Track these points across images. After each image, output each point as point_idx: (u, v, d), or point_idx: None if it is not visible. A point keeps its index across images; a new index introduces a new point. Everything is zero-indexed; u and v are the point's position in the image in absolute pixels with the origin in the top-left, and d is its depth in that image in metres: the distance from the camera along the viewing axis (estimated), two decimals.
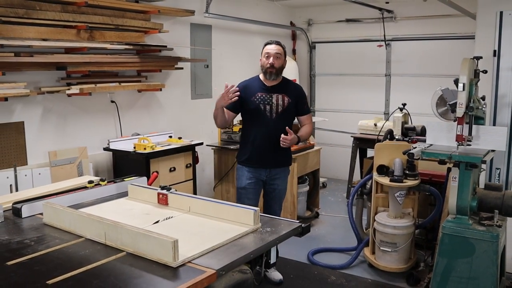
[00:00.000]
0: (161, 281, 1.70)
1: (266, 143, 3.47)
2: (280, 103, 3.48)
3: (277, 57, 3.45)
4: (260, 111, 3.47)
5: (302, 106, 3.63)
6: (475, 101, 2.97)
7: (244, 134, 3.68)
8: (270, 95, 3.48)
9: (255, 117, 3.50)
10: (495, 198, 3.05)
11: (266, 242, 2.08)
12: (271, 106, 3.47)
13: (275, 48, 3.48)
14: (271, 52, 3.45)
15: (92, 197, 2.72)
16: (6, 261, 1.86)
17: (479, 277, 2.90)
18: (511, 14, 3.58)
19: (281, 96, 3.49)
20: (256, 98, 3.48)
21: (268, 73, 3.46)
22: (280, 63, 3.48)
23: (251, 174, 3.55)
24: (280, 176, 3.63)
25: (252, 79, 3.64)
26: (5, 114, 3.67)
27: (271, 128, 3.44)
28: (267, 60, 3.46)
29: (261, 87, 3.51)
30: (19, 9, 3.43)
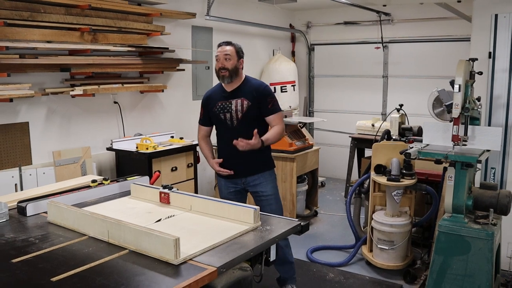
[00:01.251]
0: (163, 278, 1.70)
1: (233, 152, 3.14)
2: (239, 108, 3.18)
3: (227, 58, 3.13)
4: (221, 121, 3.24)
5: (266, 106, 3.22)
6: (471, 102, 2.97)
7: (217, 143, 3.44)
8: (229, 102, 3.20)
9: (218, 127, 3.33)
10: (490, 197, 3.05)
11: (266, 240, 2.08)
12: (230, 114, 3.19)
13: (225, 48, 3.17)
14: (219, 55, 3.16)
15: (95, 196, 2.72)
16: (11, 258, 1.86)
17: (475, 274, 2.90)
18: (506, 17, 3.58)
19: (240, 101, 3.18)
20: (216, 108, 3.24)
21: (221, 77, 3.16)
22: (232, 64, 3.13)
23: (227, 184, 3.35)
24: (261, 182, 3.30)
25: (216, 87, 3.39)
26: (10, 115, 3.67)
27: (235, 137, 3.09)
28: (217, 63, 3.16)
29: (222, 95, 3.25)
30: (24, 12, 3.44)
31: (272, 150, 4.75)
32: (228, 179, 3.32)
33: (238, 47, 3.23)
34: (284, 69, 6.36)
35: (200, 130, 3.46)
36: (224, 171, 3.25)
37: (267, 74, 6.37)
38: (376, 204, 4.06)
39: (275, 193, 3.35)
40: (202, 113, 3.40)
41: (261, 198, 3.29)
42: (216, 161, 3.31)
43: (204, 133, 3.44)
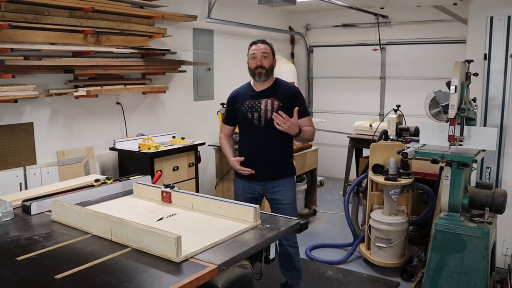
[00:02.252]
0: (164, 275, 1.70)
1: (257, 154, 3.08)
2: (269, 108, 3.05)
3: (265, 56, 3.06)
4: (248, 119, 3.09)
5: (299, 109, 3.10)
6: (467, 103, 2.97)
7: (238, 145, 3.31)
8: (258, 101, 3.08)
9: (244, 126, 3.16)
10: (486, 196, 3.05)
11: (266, 238, 2.08)
12: (259, 113, 3.06)
13: (261, 47, 3.09)
14: (256, 53, 3.07)
15: (98, 195, 2.71)
16: (16, 256, 1.86)
17: (470, 272, 2.90)
18: (501, 19, 3.58)
19: (271, 101, 3.06)
20: (244, 107, 3.11)
21: (257, 75, 3.05)
22: (269, 63, 3.08)
23: (245, 188, 3.18)
24: (280, 189, 3.14)
25: (243, 86, 3.27)
26: (15, 115, 3.67)
27: (261, 137, 3.06)
28: (254, 61, 3.07)
29: (250, 94, 3.13)
30: (28, 15, 3.44)
31: None
32: (248, 183, 3.16)
33: (272, 46, 3.16)
34: (284, 71, 6.35)
35: (223, 128, 3.35)
36: (246, 170, 3.08)
37: None
38: (373, 203, 4.06)
39: (293, 202, 3.21)
40: (227, 111, 3.28)
41: (278, 206, 3.14)
42: (237, 159, 3.14)
43: (226, 132, 3.32)
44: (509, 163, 3.70)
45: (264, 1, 3.67)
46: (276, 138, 3.05)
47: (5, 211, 2.32)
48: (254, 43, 3.15)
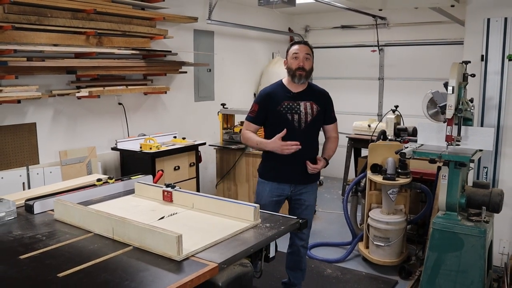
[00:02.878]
0: (166, 274, 1.70)
1: (293, 157, 2.90)
2: (308, 111, 2.95)
3: (307, 58, 2.94)
4: (287, 121, 2.92)
5: (329, 114, 3.09)
6: (464, 103, 2.97)
7: None
8: (297, 103, 2.95)
9: (281, 127, 2.91)
10: (483, 195, 3.05)
11: (266, 237, 2.08)
12: (299, 115, 2.93)
13: (304, 48, 2.95)
14: (300, 53, 2.92)
15: (100, 194, 2.71)
16: (19, 255, 1.86)
17: (468, 270, 2.90)
18: (497, 21, 3.58)
19: (310, 104, 2.96)
20: (282, 108, 2.94)
21: (297, 77, 2.92)
22: (310, 65, 2.96)
23: (273, 190, 3.04)
24: (307, 190, 3.08)
25: (275, 85, 3.10)
26: (18, 116, 3.67)
27: (299, 140, 2.88)
28: (296, 61, 2.92)
29: (287, 95, 2.97)
30: (32, 16, 3.44)
31: None
32: (277, 185, 3.03)
33: (313, 49, 3.05)
34: (283, 72, 6.29)
35: (247, 126, 3.09)
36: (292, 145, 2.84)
37: (266, 77, 6.37)
38: (372, 202, 4.06)
39: (313, 205, 3.24)
40: (257, 110, 3.04)
41: (301, 206, 3.08)
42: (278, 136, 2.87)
43: (252, 130, 3.09)
44: (506, 163, 3.70)
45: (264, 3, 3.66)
46: (312, 142, 3.00)
47: (8, 210, 2.33)
48: (298, 43, 3.02)
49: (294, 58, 2.94)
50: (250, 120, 3.09)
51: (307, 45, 3.00)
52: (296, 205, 3.10)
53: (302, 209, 3.08)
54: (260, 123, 3.07)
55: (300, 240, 3.17)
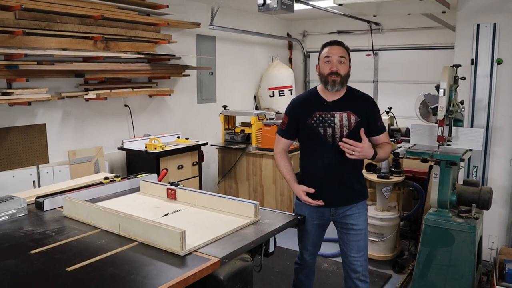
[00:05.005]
0: (170, 268, 1.70)
1: (328, 176, 2.46)
2: (345, 123, 2.41)
3: (341, 61, 2.42)
4: (318, 136, 2.43)
5: (375, 123, 2.49)
6: (455, 105, 2.97)
7: (302, 164, 2.62)
8: (331, 114, 2.43)
9: (313, 143, 2.48)
10: (473, 193, 3.06)
11: (265, 232, 2.08)
12: (333, 129, 2.41)
13: (338, 50, 2.44)
14: (333, 57, 2.42)
15: (107, 192, 2.72)
16: (30, 250, 1.87)
17: (458, 264, 2.90)
18: (487, 26, 3.58)
19: (346, 115, 2.42)
20: (313, 120, 2.44)
21: (330, 83, 2.40)
22: (345, 69, 2.43)
23: (312, 214, 2.54)
24: (353, 213, 2.52)
25: (308, 93, 2.60)
26: (29, 117, 3.67)
27: (334, 157, 2.41)
28: (327, 66, 2.42)
29: (320, 105, 2.46)
30: (42, 22, 3.44)
31: (270, 150, 4.79)
32: (315, 208, 2.52)
33: (349, 50, 2.52)
34: (282, 75, 6.36)
35: (279, 142, 2.63)
36: (313, 203, 2.46)
37: (266, 79, 6.37)
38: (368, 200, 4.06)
39: (366, 228, 2.59)
40: (287, 122, 2.58)
41: (349, 231, 2.54)
42: (305, 189, 2.47)
43: (283, 146, 2.63)
44: (495, 162, 3.70)
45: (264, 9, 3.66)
46: (351, 159, 2.38)
47: (19, 207, 2.33)
48: (329, 44, 2.50)
49: (326, 62, 2.43)
50: (280, 133, 2.63)
51: (341, 46, 2.48)
52: (343, 230, 2.57)
53: (351, 234, 2.53)
54: (292, 137, 2.59)
55: (354, 272, 2.56)
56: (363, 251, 2.55)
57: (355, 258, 2.53)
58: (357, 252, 2.53)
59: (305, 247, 2.68)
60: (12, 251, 1.88)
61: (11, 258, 1.79)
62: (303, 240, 2.64)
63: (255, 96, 6.51)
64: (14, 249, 1.90)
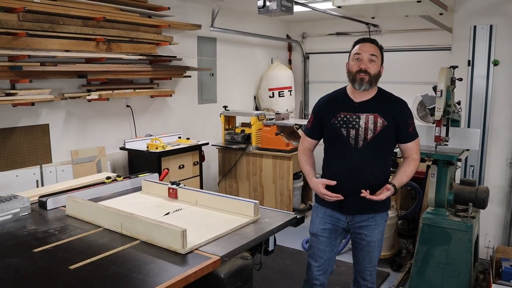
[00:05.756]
0: (171, 266, 1.70)
1: (349, 181, 2.27)
2: (370, 126, 2.25)
3: (372, 60, 2.26)
4: (341, 137, 2.29)
5: (406, 130, 2.31)
6: (452, 106, 2.98)
7: (324, 165, 2.46)
8: (357, 116, 2.27)
9: (335, 145, 2.34)
10: (470, 192, 3.06)
11: (265, 231, 2.08)
12: (356, 131, 2.26)
13: (369, 47, 2.27)
14: (363, 54, 2.25)
15: (109, 191, 2.71)
16: (33, 248, 1.86)
17: (455, 262, 2.90)
18: (483, 28, 3.58)
19: (373, 117, 2.25)
20: (337, 121, 2.30)
21: (358, 81, 2.25)
22: (376, 68, 2.27)
23: (325, 218, 2.41)
24: (369, 224, 2.35)
25: (337, 92, 2.44)
26: (32, 117, 3.67)
27: (356, 162, 2.26)
28: (357, 63, 2.27)
29: (347, 105, 2.32)
30: (45, 24, 3.44)
31: (270, 150, 4.80)
32: (330, 211, 2.38)
33: (382, 49, 2.34)
34: (282, 76, 6.36)
35: (303, 141, 2.52)
36: (333, 196, 2.27)
37: (266, 80, 6.37)
38: None
39: (380, 239, 2.42)
40: (312, 121, 2.46)
41: (361, 242, 2.40)
42: (324, 181, 2.29)
43: (308, 145, 2.49)
44: (491, 162, 3.70)
45: (264, 11, 3.66)
46: (375, 164, 2.28)
47: (23, 206, 2.33)
48: (361, 41, 2.32)
49: (356, 60, 2.28)
50: (305, 132, 2.50)
51: (373, 44, 2.30)
52: (356, 240, 2.42)
53: (363, 245, 2.39)
54: (317, 136, 2.46)
55: (363, 279, 2.50)
56: (374, 261, 2.44)
57: (366, 267, 2.45)
58: (368, 262, 2.44)
59: (315, 257, 2.45)
60: (16, 249, 1.88)
61: (15, 256, 1.79)
62: (313, 248, 2.46)
63: (255, 96, 6.51)
64: (18, 248, 1.90)
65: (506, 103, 3.59)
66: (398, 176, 2.31)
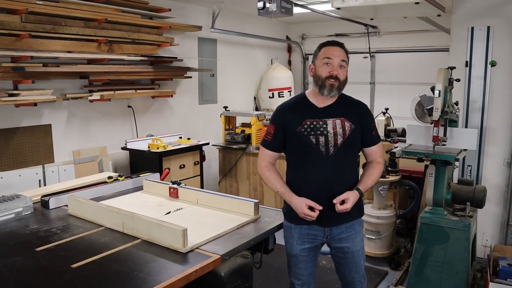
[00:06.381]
0: (172, 265, 1.70)
1: (322, 191, 2.09)
2: (339, 131, 2.10)
3: (342, 65, 2.12)
4: (310, 146, 2.09)
5: (370, 133, 2.19)
6: (449, 106, 2.98)
7: (288, 178, 2.23)
8: (323, 121, 2.10)
9: (303, 154, 2.13)
10: (467, 191, 3.06)
11: (265, 230, 2.08)
12: (326, 137, 2.09)
13: (339, 52, 2.12)
14: (334, 59, 2.10)
15: (111, 191, 2.72)
16: (35, 247, 1.86)
17: (453, 261, 2.90)
18: (481, 29, 3.58)
19: (340, 121, 2.11)
20: (304, 128, 2.11)
21: (327, 88, 2.09)
22: (345, 75, 2.14)
23: (303, 237, 2.18)
24: (349, 234, 2.18)
25: (296, 99, 2.26)
26: (34, 118, 3.67)
27: (328, 169, 2.09)
28: (327, 68, 2.10)
29: (311, 111, 2.14)
30: (47, 25, 3.44)
31: None
32: (306, 229, 2.17)
33: (348, 53, 2.19)
34: (281, 76, 6.36)
35: (264, 156, 2.24)
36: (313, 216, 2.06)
37: (266, 81, 6.37)
38: (364, 198, 4.06)
39: (363, 247, 2.27)
40: (273, 133, 2.20)
41: (346, 254, 2.21)
42: (308, 202, 2.06)
43: (270, 160, 2.24)
44: (489, 162, 3.70)
45: (263, 13, 3.66)
46: (346, 171, 2.14)
47: (25, 206, 2.33)
48: (330, 44, 2.17)
49: (326, 64, 2.11)
50: (265, 145, 2.23)
51: (343, 48, 2.16)
52: (339, 254, 2.24)
53: (348, 257, 2.22)
54: (280, 148, 2.22)
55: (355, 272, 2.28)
56: (361, 269, 2.27)
57: (355, 278, 2.26)
58: (356, 272, 2.25)
59: (297, 276, 2.26)
60: (18, 248, 1.88)
61: (17, 255, 1.79)
62: (293, 268, 2.27)
63: (255, 97, 6.51)
64: (20, 247, 1.90)
65: (503, 103, 3.59)
66: (363, 180, 2.18)
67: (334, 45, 2.15)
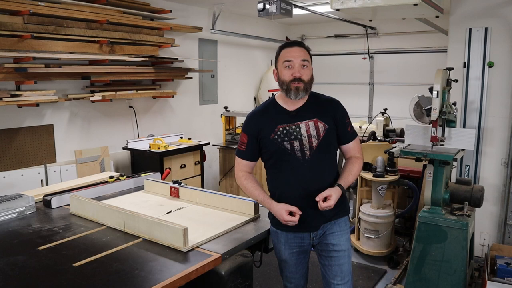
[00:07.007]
0: (173, 263, 1.70)
1: (303, 196, 2.00)
2: (313, 133, 2.01)
3: (304, 65, 2.01)
4: (285, 152, 2.01)
5: (345, 130, 2.10)
6: (448, 107, 2.97)
7: (269, 186, 2.16)
8: (296, 125, 2.02)
9: (280, 161, 2.04)
10: (465, 191, 3.06)
11: (265, 229, 2.08)
12: (300, 142, 2.00)
13: (299, 52, 2.02)
14: (294, 61, 1.99)
15: (112, 190, 2.72)
16: (37, 246, 1.87)
17: (451, 260, 2.90)
18: (478, 31, 3.58)
19: (313, 123, 2.03)
20: (277, 135, 2.02)
21: (293, 91, 1.99)
22: (309, 74, 2.03)
23: (290, 241, 2.10)
24: (334, 231, 2.10)
25: (266, 104, 2.16)
26: (37, 118, 3.67)
27: (307, 174, 2.00)
28: (289, 71, 2.00)
29: (282, 116, 2.05)
30: (49, 26, 3.44)
31: None
32: (292, 234, 2.09)
33: (310, 50, 2.10)
34: None
35: (240, 166, 2.15)
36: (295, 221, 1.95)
37: (265, 82, 6.37)
38: (363, 198, 4.06)
39: (349, 249, 2.15)
40: (247, 142, 2.11)
41: (331, 253, 2.11)
42: (291, 209, 1.96)
43: (247, 169, 2.15)
44: (486, 161, 3.70)
45: (263, 14, 3.65)
46: (325, 172, 2.05)
47: (27, 205, 2.33)
48: (288, 45, 2.07)
49: (286, 68, 2.01)
50: (240, 155, 2.14)
51: (302, 47, 2.06)
52: (323, 253, 2.13)
53: (332, 257, 2.10)
54: (254, 157, 2.13)
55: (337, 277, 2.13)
56: (347, 276, 2.12)
57: (339, 285, 2.10)
58: (341, 279, 2.10)
59: (288, 279, 2.21)
60: (21, 247, 1.88)
61: (20, 254, 1.80)
62: (285, 272, 2.21)
63: (255, 97, 6.51)
64: (23, 246, 1.90)
65: (501, 104, 3.59)
66: (344, 176, 2.08)
67: (293, 46, 2.05)
